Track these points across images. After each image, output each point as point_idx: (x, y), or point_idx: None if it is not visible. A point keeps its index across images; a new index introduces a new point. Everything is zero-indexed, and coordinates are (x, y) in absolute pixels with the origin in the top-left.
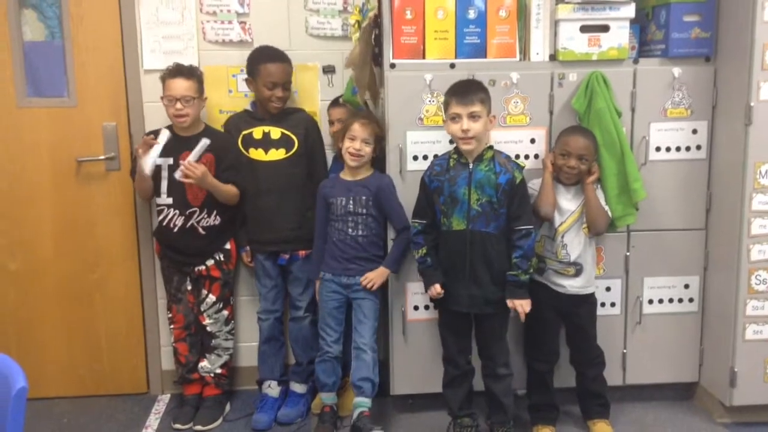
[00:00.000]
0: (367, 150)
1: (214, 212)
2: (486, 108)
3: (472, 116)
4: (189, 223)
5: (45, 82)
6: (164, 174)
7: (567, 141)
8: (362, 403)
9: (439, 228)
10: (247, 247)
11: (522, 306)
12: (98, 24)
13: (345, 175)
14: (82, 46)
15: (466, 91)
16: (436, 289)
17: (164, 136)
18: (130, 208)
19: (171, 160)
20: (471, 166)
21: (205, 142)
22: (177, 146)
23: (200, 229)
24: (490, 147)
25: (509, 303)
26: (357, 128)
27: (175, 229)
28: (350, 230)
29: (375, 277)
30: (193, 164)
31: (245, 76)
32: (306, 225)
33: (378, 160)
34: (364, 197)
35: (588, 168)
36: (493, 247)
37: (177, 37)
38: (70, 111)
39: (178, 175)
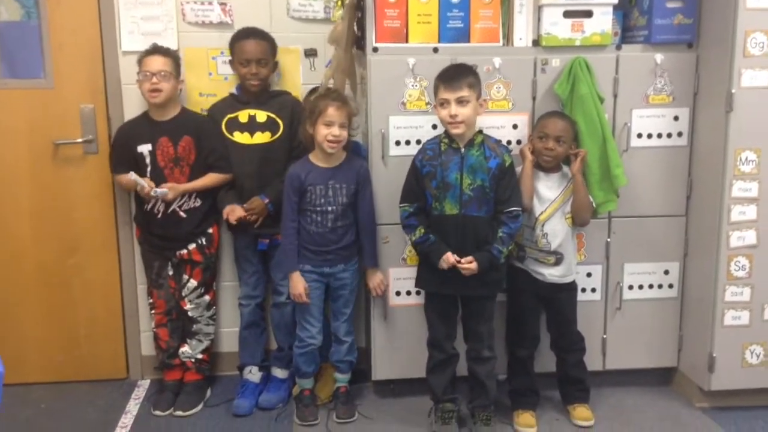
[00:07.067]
0: (344, 134)
1: (194, 194)
2: (475, 92)
3: (460, 101)
4: (171, 209)
5: (21, 63)
6: (147, 161)
7: (545, 123)
8: (340, 379)
9: (430, 212)
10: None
11: (470, 268)
12: (76, 4)
13: (318, 161)
14: (59, 27)
15: (454, 76)
16: (451, 257)
17: (142, 181)
18: (109, 191)
19: (150, 146)
20: (463, 151)
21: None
22: (155, 131)
23: (181, 213)
24: (480, 132)
25: (470, 263)
26: (333, 113)
27: (159, 215)
28: (329, 223)
29: (376, 282)
30: (161, 194)
31: (225, 58)
32: None
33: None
34: (345, 185)
35: (565, 151)
36: (486, 230)
37: (156, 18)
38: (46, 93)
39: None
